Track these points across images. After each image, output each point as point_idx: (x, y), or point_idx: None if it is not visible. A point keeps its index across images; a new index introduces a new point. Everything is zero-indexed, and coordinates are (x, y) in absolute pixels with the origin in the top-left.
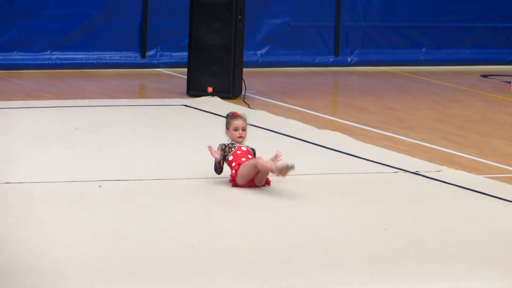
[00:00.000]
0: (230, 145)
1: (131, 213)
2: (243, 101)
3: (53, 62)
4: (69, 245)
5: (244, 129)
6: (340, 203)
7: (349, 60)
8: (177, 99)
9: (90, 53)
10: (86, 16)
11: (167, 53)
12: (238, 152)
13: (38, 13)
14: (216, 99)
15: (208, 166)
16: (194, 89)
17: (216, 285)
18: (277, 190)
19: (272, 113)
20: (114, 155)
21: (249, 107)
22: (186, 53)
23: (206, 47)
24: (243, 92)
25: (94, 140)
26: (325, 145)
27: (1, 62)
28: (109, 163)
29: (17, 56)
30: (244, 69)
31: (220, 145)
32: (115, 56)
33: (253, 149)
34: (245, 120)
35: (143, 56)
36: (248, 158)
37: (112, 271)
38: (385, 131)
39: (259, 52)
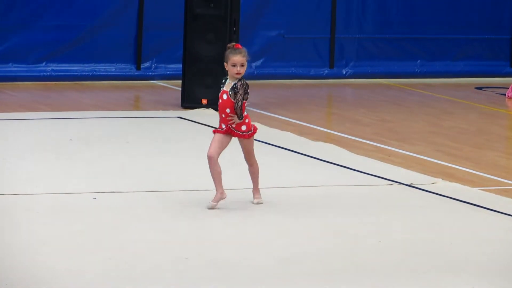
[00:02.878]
0: (224, 80)
1: (125, 225)
2: None
3: (48, 74)
4: (64, 257)
5: (242, 65)
6: (334, 215)
7: (344, 73)
8: (171, 111)
9: (85, 65)
10: (81, 28)
11: (162, 65)
12: (220, 101)
13: (33, 25)
14: (211, 111)
15: (203, 178)
16: (189, 101)
17: None
18: (271, 202)
19: (266, 125)
20: (108, 167)
21: None
22: (181, 65)
23: (200, 59)
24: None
25: (89, 152)
26: (319, 157)
27: None
28: (103, 175)
29: (12, 68)
30: None
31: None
32: (110, 68)
33: (240, 86)
34: (244, 56)
35: (138, 68)
36: (221, 118)
37: (106, 283)
38: (379, 143)
39: (254, 64)
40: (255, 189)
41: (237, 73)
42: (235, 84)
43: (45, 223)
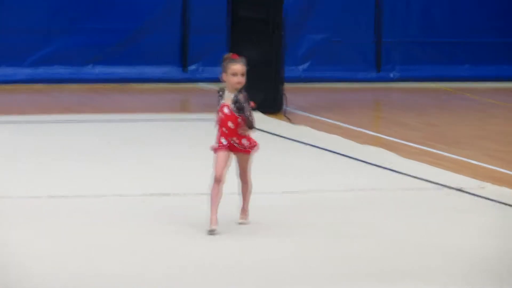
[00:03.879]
0: (222, 93)
1: (176, 228)
2: (284, 116)
3: (94, 76)
4: (119, 261)
5: (243, 75)
6: (381, 218)
7: (391, 76)
8: None
9: (131, 67)
10: (128, 31)
11: (209, 67)
12: (221, 114)
13: (79, 27)
14: (257, 114)
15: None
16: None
17: None
18: (319, 204)
19: (313, 128)
20: (154, 169)
21: (290, 122)
22: None
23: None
24: (284, 107)
25: (135, 154)
26: (366, 161)
27: (42, 76)
28: (150, 178)
29: (58, 70)
30: (286, 84)
31: (219, 88)
32: (156, 70)
33: (237, 99)
34: (244, 65)
35: (184, 71)
36: (222, 132)
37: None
38: (426, 146)
39: (300, 67)
40: (244, 208)
41: (238, 83)
42: (236, 97)
43: (94, 225)
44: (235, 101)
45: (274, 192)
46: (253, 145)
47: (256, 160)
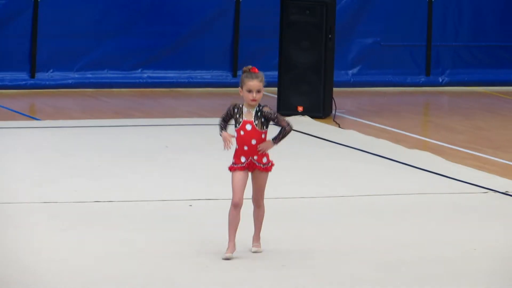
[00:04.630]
0: (239, 110)
1: (221, 233)
2: (333, 120)
3: (144, 80)
4: (161, 265)
5: (259, 91)
6: (429, 222)
7: (440, 80)
8: None
9: (181, 71)
10: (177, 35)
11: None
12: (242, 132)
13: (128, 31)
14: (306, 119)
15: (296, 185)
16: (284, 108)
17: None
18: (366, 209)
19: (362, 132)
20: (204, 173)
21: (339, 127)
22: (277, 72)
23: (296, 66)
24: (333, 112)
25: (184, 159)
26: (414, 165)
27: (91, 80)
28: (199, 182)
29: (108, 74)
30: (335, 89)
31: (231, 105)
32: (206, 75)
33: (265, 114)
34: (261, 81)
35: (234, 75)
36: (242, 151)
37: None
38: (474, 151)
39: (350, 71)
40: (256, 235)
41: (253, 100)
42: (260, 111)
43: (140, 229)
44: (260, 116)
45: (322, 196)
46: (271, 165)
47: (305, 165)
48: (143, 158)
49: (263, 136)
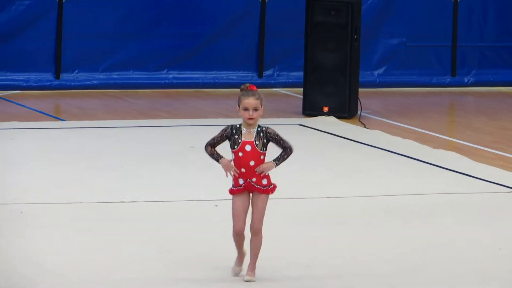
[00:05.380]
0: (237, 130)
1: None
2: (359, 120)
3: (169, 81)
4: (188, 265)
5: (256, 109)
6: (455, 222)
7: (466, 81)
8: (293, 118)
9: (207, 72)
10: (202, 35)
11: (284, 73)
12: (240, 154)
13: (154, 32)
14: (332, 119)
15: (325, 186)
16: (310, 109)
17: None
18: (392, 209)
19: (388, 133)
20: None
21: (365, 127)
22: (302, 73)
23: (321, 67)
24: (359, 112)
25: (210, 159)
26: (440, 165)
27: (117, 81)
28: (224, 183)
29: (133, 75)
30: (361, 89)
31: (227, 126)
32: (231, 75)
33: (270, 135)
34: (258, 99)
35: (260, 76)
36: (240, 173)
37: None
38: (499, 150)
39: (376, 72)
40: (252, 264)
41: (249, 118)
42: (263, 132)
43: (166, 230)
44: (262, 137)
45: (348, 196)
46: (273, 186)
47: (331, 165)
48: (169, 159)
49: (262, 157)
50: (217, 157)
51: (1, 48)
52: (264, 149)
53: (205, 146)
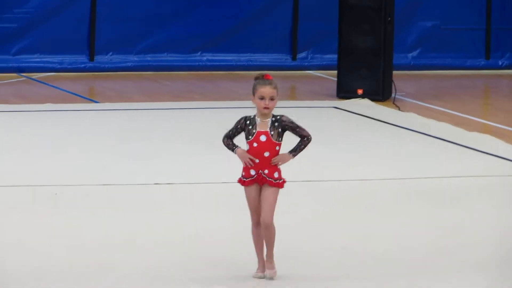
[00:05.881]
0: (251, 121)
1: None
2: (393, 103)
3: (203, 63)
4: (226, 248)
5: (272, 99)
6: (489, 206)
7: (500, 63)
8: (327, 101)
9: (240, 55)
10: (236, 18)
11: (318, 55)
12: (255, 144)
13: (188, 15)
14: (366, 102)
15: (360, 168)
16: (344, 91)
17: None
18: (426, 192)
19: (422, 115)
20: None
21: (399, 109)
22: (336, 56)
23: (355, 49)
24: (393, 94)
25: (243, 142)
26: (474, 148)
27: (151, 63)
28: None
29: (167, 58)
30: (395, 72)
31: (241, 117)
32: (265, 58)
33: (285, 124)
34: (274, 88)
35: (293, 59)
36: (254, 164)
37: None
38: None
39: (410, 54)
40: (270, 256)
41: (265, 107)
42: (278, 121)
43: (201, 212)
44: (276, 126)
45: (381, 178)
46: (283, 181)
47: (365, 147)
48: (203, 141)
49: (277, 148)
50: (232, 147)
51: (36, 30)
52: (280, 139)
53: (223, 138)
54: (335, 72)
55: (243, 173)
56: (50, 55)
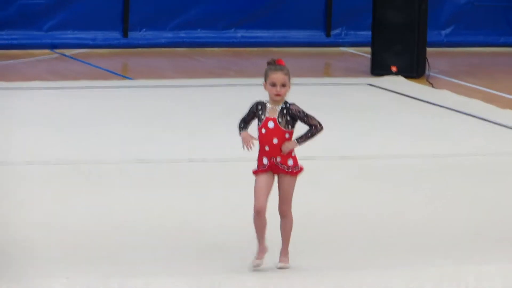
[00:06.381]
0: (262, 106)
1: (315, 193)
2: (427, 80)
3: (237, 40)
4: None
5: (284, 85)
6: None
7: None
8: (361, 78)
9: (275, 31)
10: None
11: (352, 32)
12: (263, 131)
13: None
14: (400, 78)
15: (396, 145)
16: (378, 68)
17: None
18: (458, 168)
19: (455, 92)
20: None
21: (432, 86)
22: (370, 32)
23: (389, 26)
24: (426, 72)
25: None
26: (507, 125)
27: (185, 39)
28: None
29: (201, 34)
30: (428, 49)
31: (254, 103)
32: (299, 35)
33: (293, 112)
34: (286, 74)
35: (328, 35)
36: (264, 151)
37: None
38: None
39: (443, 31)
40: (284, 249)
41: (277, 94)
42: (287, 109)
43: (235, 187)
44: (284, 114)
45: (414, 155)
46: (300, 168)
47: (399, 124)
48: (237, 117)
49: (287, 135)
50: (239, 130)
51: (69, 6)
52: (289, 127)
53: (239, 121)
54: (369, 49)
55: (257, 163)
56: (83, 31)
